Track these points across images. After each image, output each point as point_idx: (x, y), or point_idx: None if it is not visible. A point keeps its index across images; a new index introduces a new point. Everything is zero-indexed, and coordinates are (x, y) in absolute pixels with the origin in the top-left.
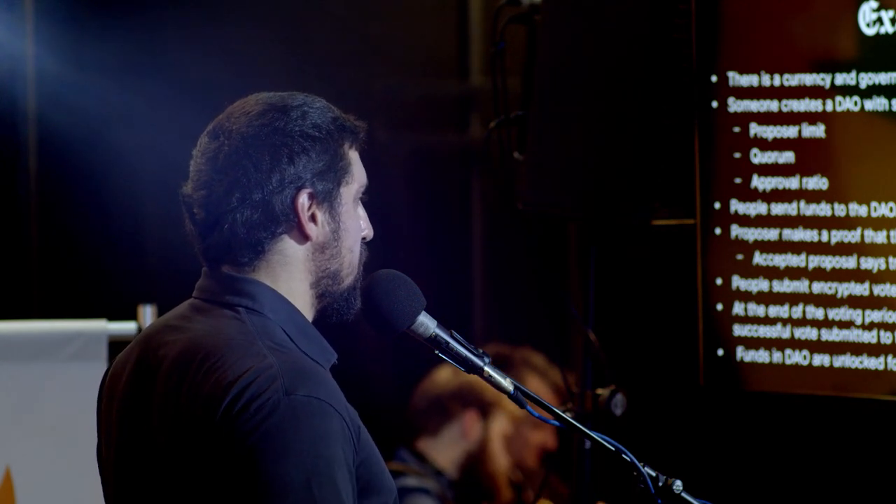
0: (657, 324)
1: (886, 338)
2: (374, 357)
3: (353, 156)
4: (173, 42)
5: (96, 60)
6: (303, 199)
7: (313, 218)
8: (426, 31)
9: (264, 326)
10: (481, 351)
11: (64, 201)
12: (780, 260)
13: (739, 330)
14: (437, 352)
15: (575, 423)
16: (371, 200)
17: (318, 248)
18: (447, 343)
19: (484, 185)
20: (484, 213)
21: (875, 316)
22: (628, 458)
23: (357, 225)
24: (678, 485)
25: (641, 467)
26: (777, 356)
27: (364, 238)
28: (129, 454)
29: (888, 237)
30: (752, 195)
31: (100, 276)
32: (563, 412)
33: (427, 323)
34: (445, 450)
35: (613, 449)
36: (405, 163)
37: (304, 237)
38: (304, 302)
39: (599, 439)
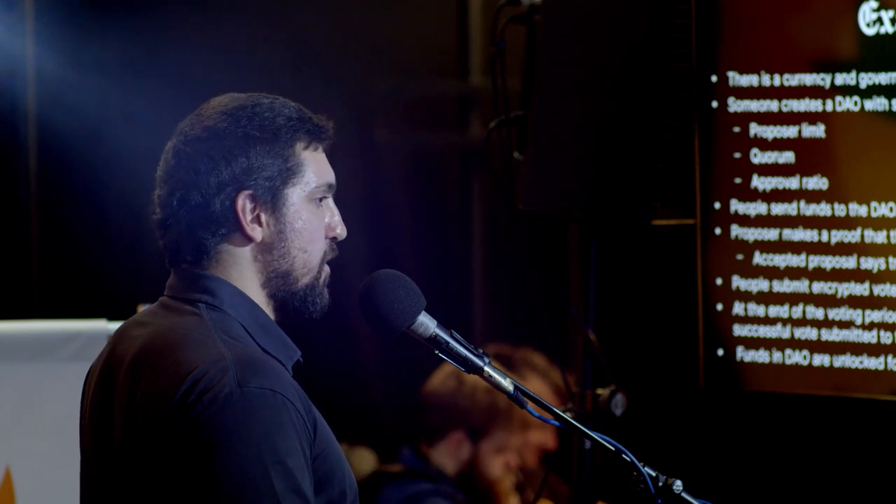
0: (657, 324)
1: (886, 338)
2: (375, 357)
3: (309, 155)
4: (173, 42)
5: (96, 60)
6: (242, 200)
7: (258, 219)
8: (426, 31)
9: (222, 321)
10: (481, 351)
11: (64, 201)
12: (780, 260)
13: (739, 330)
14: (437, 352)
15: (575, 423)
16: (371, 200)
17: (265, 249)
18: (447, 343)
19: (484, 184)
20: (484, 213)
21: (875, 316)
22: (628, 458)
23: (313, 225)
24: (678, 485)
25: (641, 467)
26: (777, 356)
27: (335, 237)
28: (96, 450)
29: (888, 237)
30: (752, 195)
31: (100, 275)
32: (563, 412)
33: (427, 323)
34: (442, 457)
35: (613, 449)
36: (405, 162)
37: (247, 238)
38: (259, 300)
39: (599, 439)
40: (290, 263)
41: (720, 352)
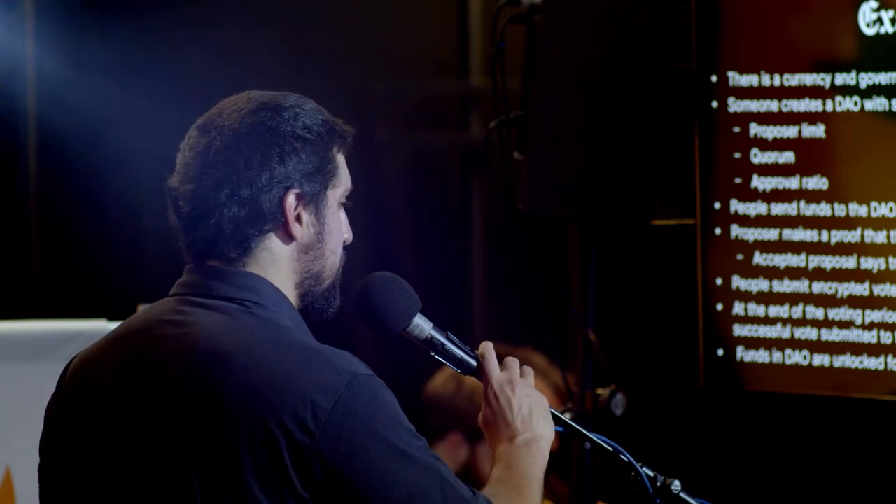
0: (657, 324)
1: (886, 338)
2: (374, 357)
3: (341, 159)
4: (173, 42)
5: (96, 60)
6: (290, 199)
7: (299, 218)
8: (426, 31)
9: (277, 322)
10: (477, 352)
11: (64, 201)
12: (780, 260)
13: (739, 330)
14: (432, 353)
15: (574, 424)
16: (371, 200)
17: (303, 249)
18: (443, 345)
19: (484, 185)
20: (484, 213)
21: (875, 316)
22: (626, 459)
23: (340, 228)
24: (676, 485)
25: (639, 467)
26: (777, 356)
27: (345, 241)
28: (131, 456)
29: (888, 237)
30: (752, 195)
31: (100, 275)
32: (562, 413)
33: (422, 325)
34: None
35: (612, 449)
36: (405, 162)
37: (289, 237)
38: (291, 299)
39: (598, 440)
40: (322, 264)
41: (720, 352)
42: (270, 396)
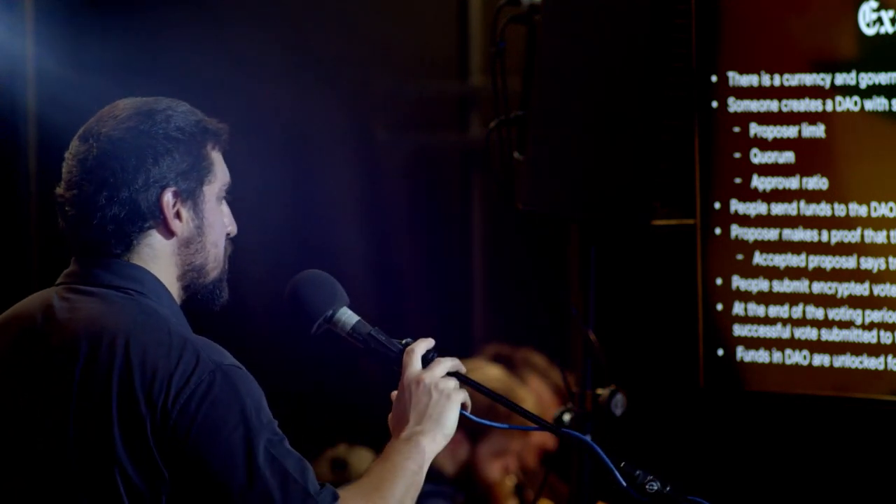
0: (657, 324)
1: (886, 338)
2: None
3: (216, 156)
4: (173, 42)
5: (96, 60)
6: (167, 197)
7: (178, 215)
8: (426, 32)
9: (156, 309)
10: (405, 343)
11: None
12: (780, 260)
13: (739, 330)
14: (358, 345)
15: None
16: (371, 201)
17: (184, 243)
18: (364, 338)
19: (484, 185)
20: (484, 214)
21: (875, 316)
22: (598, 452)
23: (221, 221)
24: (652, 485)
25: (608, 460)
26: (777, 356)
27: (228, 234)
28: (20, 441)
29: (888, 237)
30: (752, 195)
31: None
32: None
33: (347, 318)
34: (440, 459)
35: (583, 440)
36: (405, 163)
37: (169, 233)
38: (173, 291)
39: (573, 435)
40: (204, 258)
41: (720, 352)
42: (141, 379)
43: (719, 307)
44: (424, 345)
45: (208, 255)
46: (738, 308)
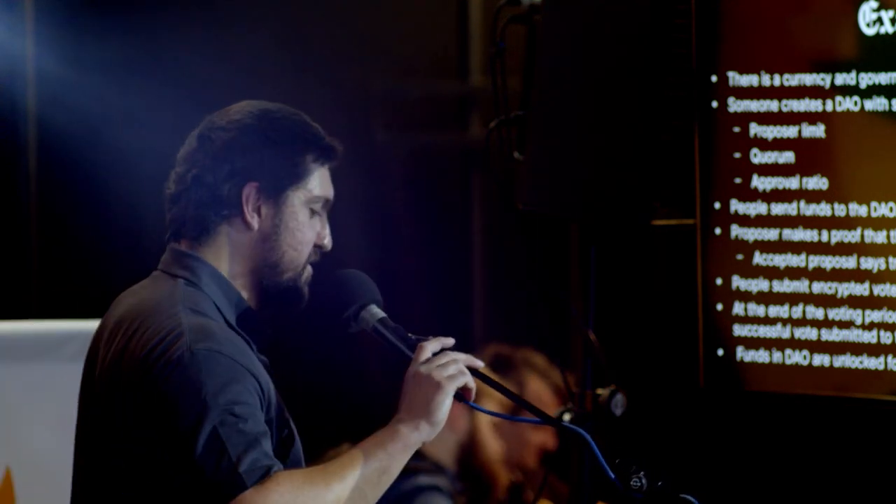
0: (657, 324)
1: (886, 338)
2: (374, 357)
3: (316, 168)
4: (173, 42)
5: (96, 60)
6: (248, 190)
7: (258, 210)
8: (426, 32)
9: (193, 296)
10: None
11: (64, 201)
12: (780, 260)
13: (739, 330)
14: (377, 337)
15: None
16: (371, 201)
17: (260, 239)
18: (384, 334)
19: (484, 185)
20: (484, 213)
21: (875, 316)
22: (592, 446)
23: (305, 228)
24: (637, 482)
25: (600, 455)
26: (777, 356)
27: (322, 247)
28: (82, 409)
29: (888, 237)
30: (752, 195)
31: (99, 275)
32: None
33: (376, 311)
34: (439, 444)
35: (579, 433)
36: (405, 163)
37: (246, 225)
38: (243, 284)
39: (565, 427)
40: (279, 256)
41: (720, 352)
42: (137, 353)
43: (719, 307)
44: (437, 343)
45: (283, 256)
46: (738, 308)
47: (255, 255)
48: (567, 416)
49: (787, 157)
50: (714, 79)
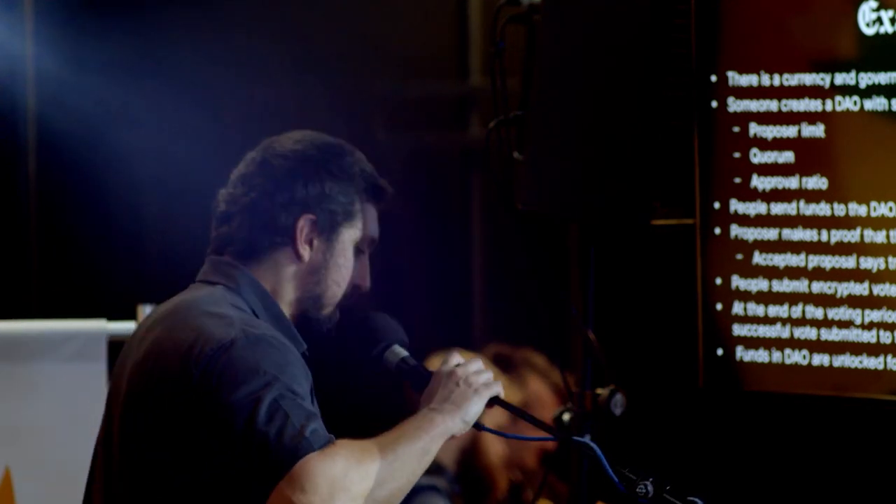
0: (657, 323)
1: (886, 337)
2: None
3: (368, 209)
4: (173, 42)
5: (96, 61)
6: (304, 222)
7: (310, 242)
8: (425, 31)
9: (234, 299)
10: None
11: (63, 201)
12: (780, 259)
13: (739, 329)
14: (397, 371)
15: (545, 425)
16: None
17: (307, 271)
18: (409, 369)
19: (483, 185)
20: (483, 213)
21: (874, 315)
22: (602, 461)
23: (350, 266)
24: (641, 488)
25: (610, 470)
26: (776, 356)
27: (360, 288)
28: (108, 412)
29: (888, 237)
30: (751, 195)
31: (99, 275)
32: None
33: (399, 351)
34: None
35: (591, 446)
36: (404, 163)
37: (297, 256)
38: (281, 305)
39: (577, 442)
40: (322, 290)
41: (719, 351)
42: (183, 342)
43: (719, 307)
44: (464, 357)
45: (327, 290)
46: (737, 308)
47: (300, 285)
48: (566, 416)
49: (787, 156)
50: (714, 79)
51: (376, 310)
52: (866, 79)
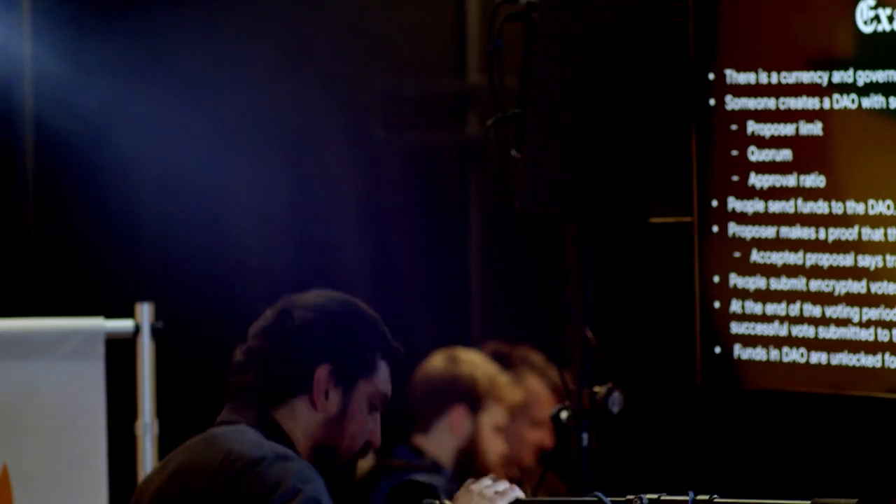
0: (654, 321)
1: (884, 335)
2: None
3: (382, 366)
4: (172, 42)
5: (94, 61)
6: (322, 372)
7: (327, 394)
8: (423, 29)
9: (256, 433)
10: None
11: (62, 200)
12: (778, 257)
13: (737, 328)
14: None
15: None
16: (368, 198)
17: (324, 421)
18: None
19: (481, 183)
20: (481, 211)
21: (872, 313)
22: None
23: (364, 420)
24: None
25: None
26: (774, 354)
27: (372, 445)
28: None
29: (885, 235)
30: (749, 193)
31: (97, 274)
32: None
33: None
34: (438, 444)
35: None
36: (402, 161)
37: (314, 406)
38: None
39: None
40: (337, 441)
41: (717, 349)
42: (209, 467)
43: (716, 305)
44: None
45: (342, 441)
46: (735, 306)
47: (317, 435)
48: (564, 414)
49: (785, 154)
50: (711, 76)
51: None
52: (864, 77)
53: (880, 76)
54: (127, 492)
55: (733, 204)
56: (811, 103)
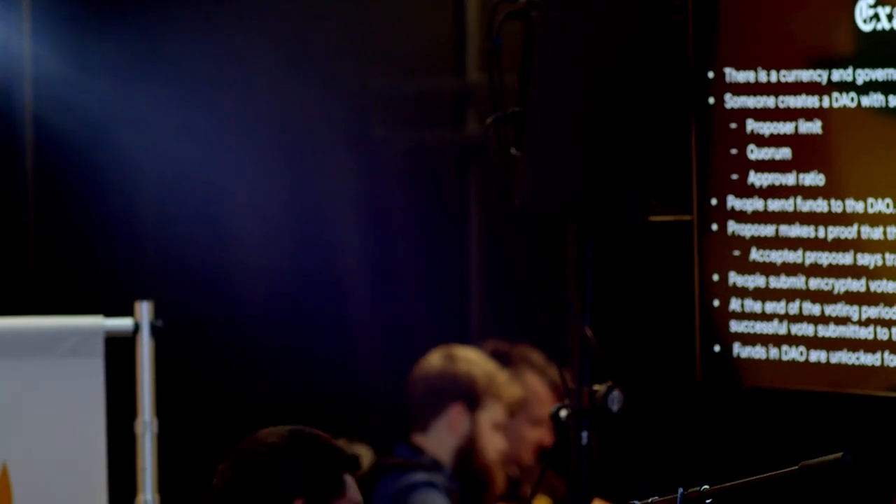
0: (654, 320)
1: (883, 334)
2: (374, 356)
3: (349, 480)
4: (171, 41)
5: (94, 61)
6: None
7: None
8: (423, 28)
9: None
10: None
11: (61, 200)
12: (777, 256)
13: (736, 326)
14: None
15: None
16: (368, 197)
17: None
18: None
19: (481, 181)
20: (481, 210)
21: (872, 312)
22: None
23: None
24: None
25: None
26: (773, 352)
27: None
28: None
29: (885, 233)
30: (748, 191)
31: (97, 272)
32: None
33: None
34: (438, 442)
35: None
36: (402, 159)
37: None
38: None
39: None
40: None
41: (717, 348)
42: None
43: (716, 303)
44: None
45: None
46: (734, 304)
47: None
48: (564, 413)
49: (784, 153)
50: (711, 75)
51: None
52: (863, 75)
53: (879, 74)
54: (127, 491)
55: (733, 202)
56: (810, 102)
